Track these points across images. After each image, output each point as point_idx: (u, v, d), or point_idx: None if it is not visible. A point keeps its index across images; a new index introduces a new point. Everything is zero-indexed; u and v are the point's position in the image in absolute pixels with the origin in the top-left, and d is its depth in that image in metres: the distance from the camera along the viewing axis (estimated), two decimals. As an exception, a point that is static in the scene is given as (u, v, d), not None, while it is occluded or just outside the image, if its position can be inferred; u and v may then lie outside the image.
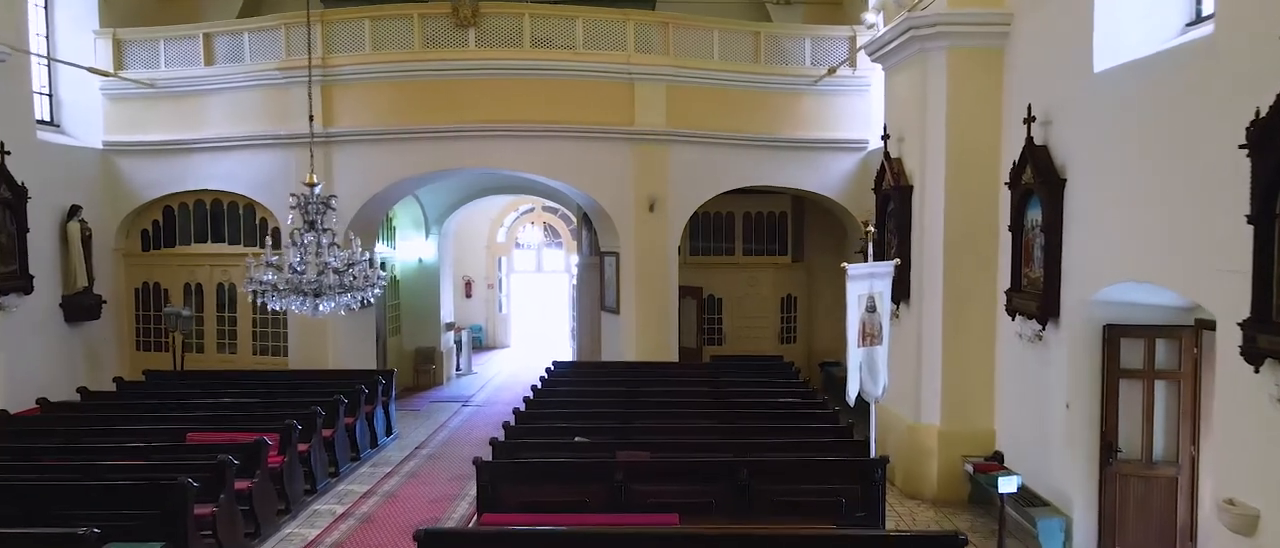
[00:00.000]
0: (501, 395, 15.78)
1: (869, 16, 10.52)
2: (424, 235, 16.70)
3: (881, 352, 8.00)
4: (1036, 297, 8.12)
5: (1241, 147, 5.24)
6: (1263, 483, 5.42)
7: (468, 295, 22.36)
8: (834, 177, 13.40)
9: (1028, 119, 8.12)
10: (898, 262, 8.79)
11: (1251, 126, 5.16)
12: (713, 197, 13.40)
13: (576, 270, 16.91)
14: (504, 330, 23.08)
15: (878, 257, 8.79)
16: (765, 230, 15.49)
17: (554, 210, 22.15)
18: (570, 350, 17.82)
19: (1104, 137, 7.21)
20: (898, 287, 8.73)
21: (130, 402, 10.77)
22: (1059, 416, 7.92)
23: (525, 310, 23.70)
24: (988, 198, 9.11)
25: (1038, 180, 7.99)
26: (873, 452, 8.13)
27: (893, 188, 10.04)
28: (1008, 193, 8.63)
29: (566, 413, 9.83)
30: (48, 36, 12.84)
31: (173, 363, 13.16)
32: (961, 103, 9.14)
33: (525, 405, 10.06)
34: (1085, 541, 7.65)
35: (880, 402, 8.45)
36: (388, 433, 12.26)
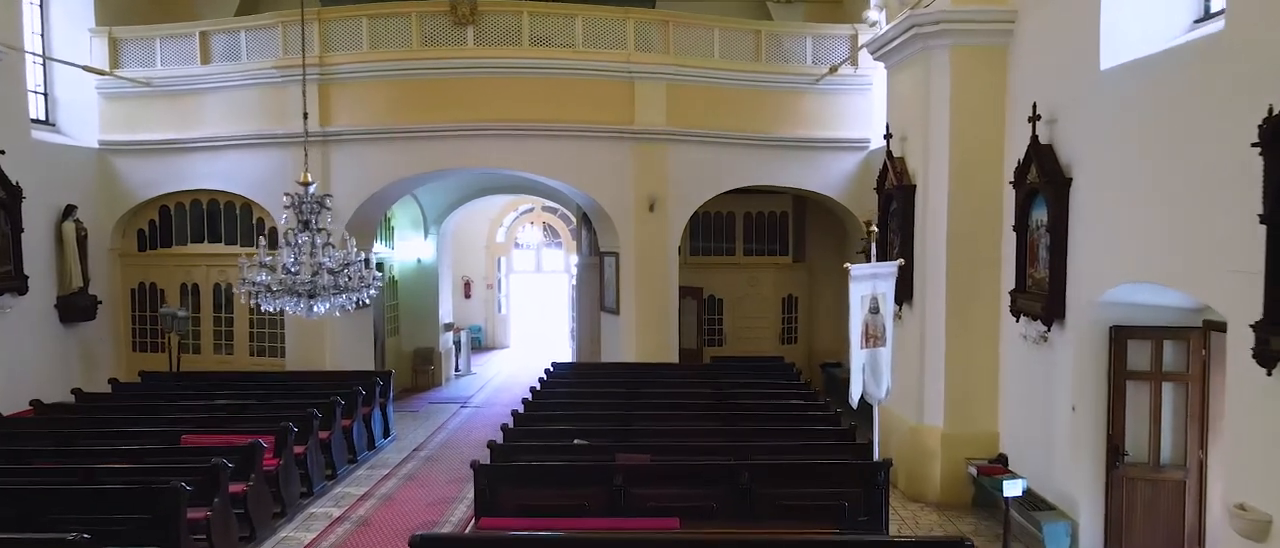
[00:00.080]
0: (501, 397, 15.67)
1: (871, 14, 10.43)
2: (423, 235, 16.60)
3: (885, 353, 7.91)
4: (1041, 297, 8.02)
5: (1254, 145, 5.15)
6: (1275, 488, 5.32)
7: (467, 296, 22.25)
8: (835, 176, 13.32)
9: (1032, 117, 8.02)
10: (901, 262, 8.69)
11: (1264, 124, 5.07)
12: (713, 196, 13.31)
13: (576, 271, 16.80)
14: (503, 331, 22.98)
15: (880, 257, 8.69)
16: (766, 230, 15.40)
17: (554, 210, 22.06)
18: (570, 351, 17.72)
19: (1110, 135, 7.11)
20: (900, 287, 8.64)
21: (125, 404, 10.66)
22: (1064, 418, 7.82)
23: (525, 311, 23.61)
24: (992, 197, 9.03)
25: (1043, 180, 7.89)
26: (876, 455, 8.03)
27: (895, 187, 9.95)
28: (1012, 192, 8.53)
29: (566, 415, 9.73)
30: (43, 35, 12.75)
31: (169, 364, 13.08)
32: (965, 101, 9.05)
33: (524, 407, 9.97)
34: (1091, 545, 7.54)
35: (883, 404, 8.36)
36: (385, 435, 12.16)
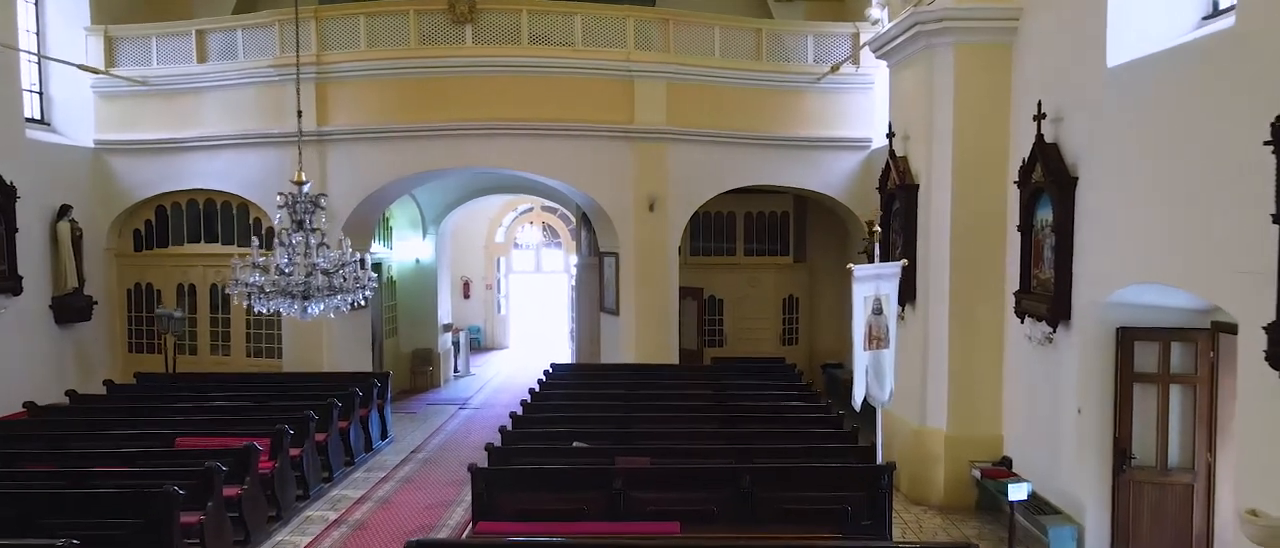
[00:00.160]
0: (500, 398, 15.57)
1: (873, 12, 10.31)
2: (421, 235, 16.49)
3: (888, 355, 7.80)
4: (1047, 298, 7.91)
5: (1265, 143, 5.03)
6: (1287, 493, 5.21)
7: (466, 296, 22.15)
8: (837, 176, 13.21)
9: (1038, 116, 7.91)
10: (904, 262, 8.58)
11: (1276, 122, 4.95)
12: (713, 196, 13.21)
13: (575, 271, 16.70)
14: (502, 331, 22.88)
15: (883, 257, 8.59)
16: (767, 230, 15.29)
17: (553, 210, 21.95)
18: (569, 352, 17.61)
19: (1118, 133, 7.00)
20: (903, 288, 8.53)
21: (119, 405, 10.55)
22: (1070, 420, 7.72)
23: (524, 311, 23.52)
24: (996, 197, 8.93)
25: (1048, 179, 7.79)
26: (879, 458, 7.92)
27: (898, 187, 9.84)
28: (1017, 192, 8.43)
29: (565, 417, 9.63)
30: (38, 33, 12.67)
31: (164, 365, 12.97)
32: (969, 100, 8.95)
33: (522, 409, 9.87)
34: (1097, 550, 7.45)
35: (886, 406, 8.25)
36: (383, 437, 12.05)
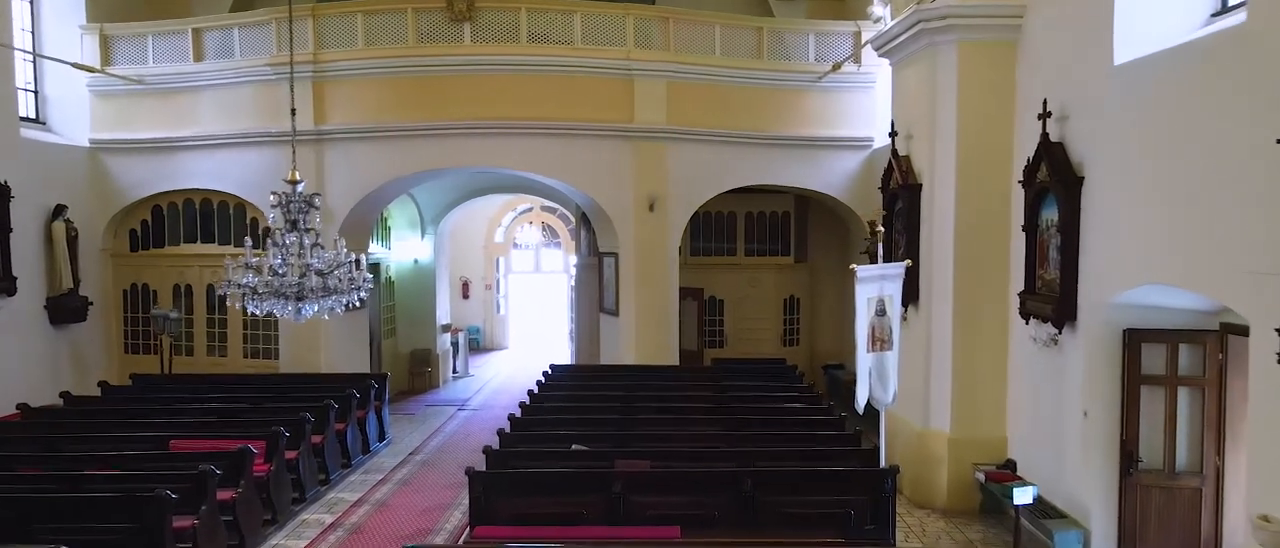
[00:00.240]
0: (499, 399, 15.47)
1: (876, 9, 10.21)
2: (420, 235, 16.38)
3: (892, 357, 7.70)
4: (1052, 299, 7.81)
5: (1278, 141, 4.93)
6: (1300, 498, 5.12)
7: (465, 296, 22.04)
8: (838, 175, 13.11)
9: (1043, 114, 7.81)
10: (908, 263, 8.47)
11: (1290, 120, 4.87)
12: (714, 196, 13.10)
13: (575, 271, 16.59)
14: (502, 332, 22.77)
15: (885, 257, 8.48)
16: (767, 230, 15.18)
17: (553, 210, 21.84)
18: (569, 353, 17.51)
19: (1125, 132, 6.90)
20: (906, 288, 8.42)
21: (114, 407, 10.44)
22: (1076, 423, 7.61)
23: (523, 312, 23.41)
24: (1000, 197, 8.82)
25: (1053, 178, 7.69)
26: (882, 461, 7.82)
27: (901, 186, 9.74)
28: (1021, 191, 8.32)
29: (564, 419, 9.51)
30: (33, 31, 12.57)
31: (160, 366, 12.86)
32: (973, 98, 8.85)
33: (521, 411, 9.77)
34: (1103, 554, 7.35)
35: (889, 408, 8.15)
36: (381, 438, 11.94)
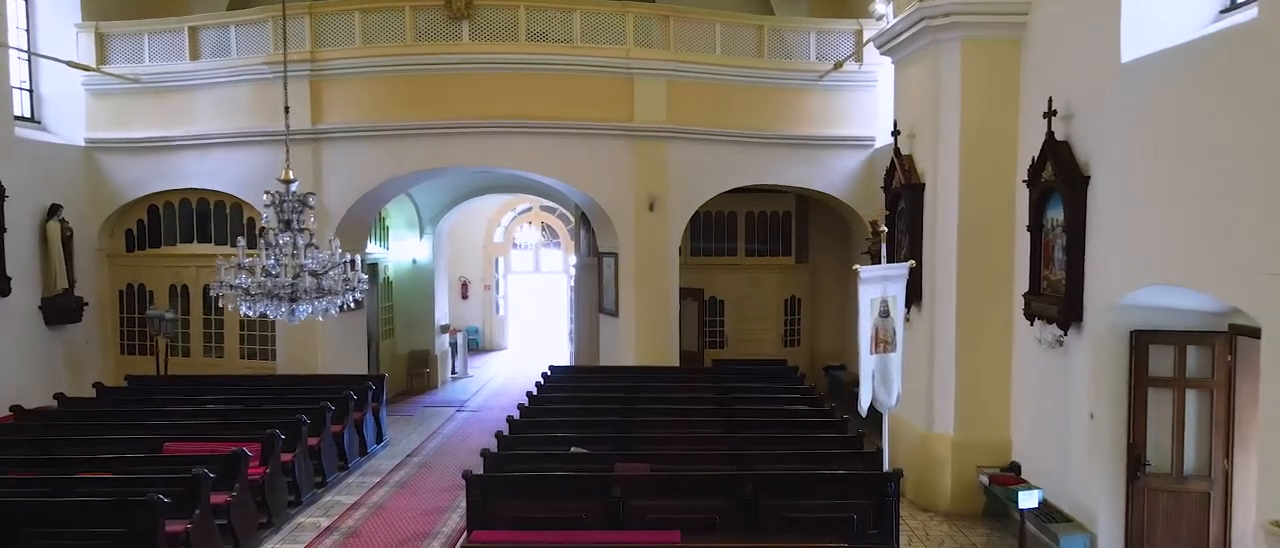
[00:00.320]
0: (498, 400, 15.36)
1: (878, 7, 10.10)
2: (418, 235, 16.27)
3: (895, 359, 7.58)
4: (1057, 300, 7.70)
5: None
6: (1314, 504, 5.01)
7: (464, 297, 21.93)
8: (839, 175, 13.02)
9: (1048, 113, 7.71)
10: (912, 263, 8.37)
11: (1304, 117, 4.76)
12: (714, 196, 13.00)
13: (574, 271, 16.48)
14: (501, 333, 22.66)
15: (889, 258, 8.37)
16: (768, 230, 15.08)
17: (552, 210, 21.74)
18: (568, 353, 17.40)
19: (1132, 131, 6.79)
20: (909, 289, 8.32)
21: (109, 409, 10.33)
22: (1082, 426, 7.51)
23: (523, 312, 23.30)
24: (1004, 196, 8.72)
25: (1059, 178, 7.58)
26: (886, 465, 7.71)
27: (903, 186, 9.63)
28: (1026, 191, 8.21)
29: (563, 421, 9.41)
30: (28, 30, 12.47)
31: (156, 368, 12.76)
32: (976, 97, 8.74)
33: (519, 413, 9.66)
34: (1110, 559, 7.24)
35: (893, 411, 8.04)
36: (378, 440, 11.83)
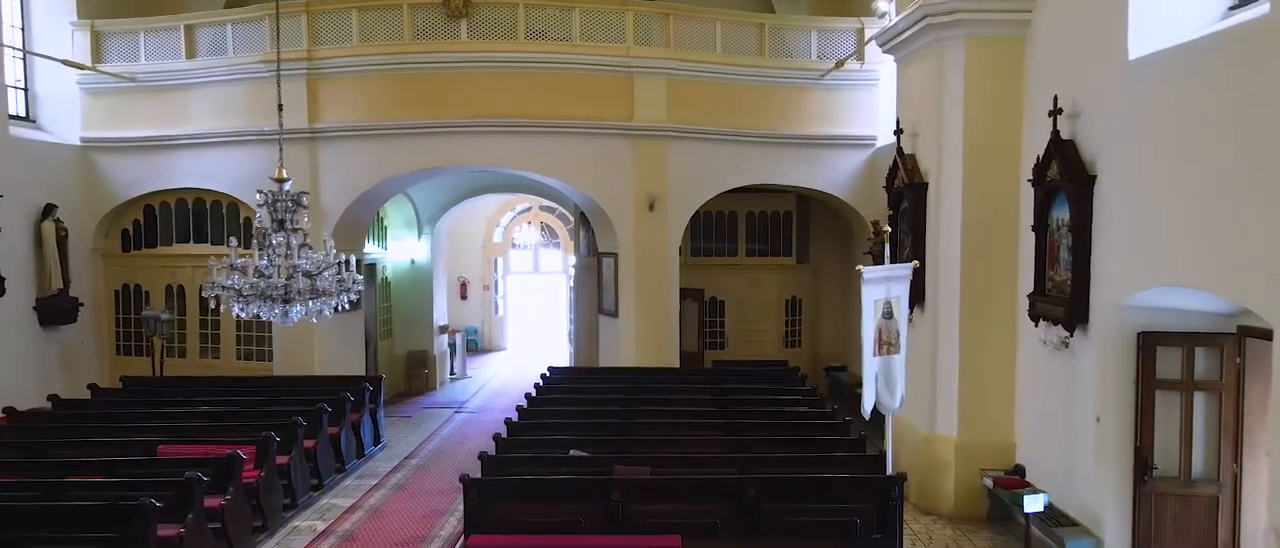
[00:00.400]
0: (497, 401, 15.26)
1: (880, 5, 10.00)
2: (416, 235, 16.16)
3: (899, 361, 7.49)
4: (1063, 301, 7.60)
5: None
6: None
7: (463, 297, 21.82)
8: (841, 175, 12.92)
9: (1053, 111, 7.60)
10: (916, 264, 8.27)
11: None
12: (715, 195, 12.90)
13: (573, 272, 16.38)
14: (500, 333, 22.55)
15: (892, 258, 8.27)
16: (769, 230, 14.98)
17: (552, 210, 21.62)
18: (568, 354, 17.30)
19: (1140, 129, 6.69)
20: (911, 290, 8.22)
21: (103, 411, 10.22)
22: (1088, 429, 7.40)
23: (522, 313, 23.19)
24: (1008, 196, 8.62)
25: (1064, 177, 7.48)
26: (889, 468, 7.60)
27: (906, 185, 9.53)
28: (1031, 190, 8.11)
29: (562, 423, 9.31)
30: (23, 28, 12.38)
31: (152, 369, 12.66)
32: (980, 95, 8.65)
33: (518, 415, 9.56)
34: (1117, 564, 7.14)
35: (897, 413, 7.94)
36: (375, 442, 11.72)
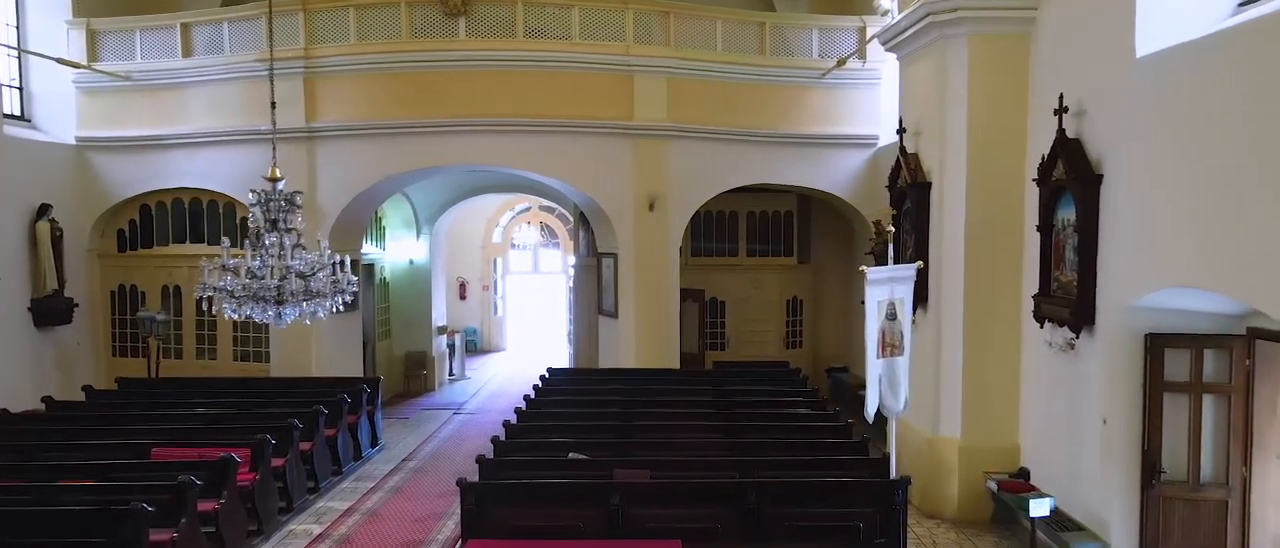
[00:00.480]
0: (496, 402, 15.16)
1: (883, 3, 9.90)
2: (415, 235, 16.06)
3: (902, 363, 7.38)
4: (1069, 302, 7.49)
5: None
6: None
7: (462, 298, 21.73)
8: (842, 174, 12.83)
9: (1059, 110, 7.50)
10: (919, 264, 8.17)
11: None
12: (715, 195, 12.80)
13: (573, 272, 16.28)
14: (499, 334, 22.45)
15: (894, 258, 8.17)
16: (770, 230, 14.88)
17: (551, 210, 21.52)
18: (567, 355, 17.19)
19: (1147, 128, 6.59)
20: (914, 290, 8.12)
21: (98, 413, 10.13)
22: (1093, 431, 7.30)
23: (521, 313, 23.09)
24: (1013, 195, 8.51)
25: (1070, 176, 7.38)
26: (893, 472, 7.50)
27: (909, 185, 9.42)
28: (1036, 190, 8.00)
29: (561, 426, 9.22)
30: (18, 26, 12.29)
31: (148, 370, 12.55)
32: (984, 93, 8.54)
33: (517, 417, 9.46)
34: (1124, 568, 7.03)
35: (900, 416, 7.84)
36: (373, 444, 11.62)
